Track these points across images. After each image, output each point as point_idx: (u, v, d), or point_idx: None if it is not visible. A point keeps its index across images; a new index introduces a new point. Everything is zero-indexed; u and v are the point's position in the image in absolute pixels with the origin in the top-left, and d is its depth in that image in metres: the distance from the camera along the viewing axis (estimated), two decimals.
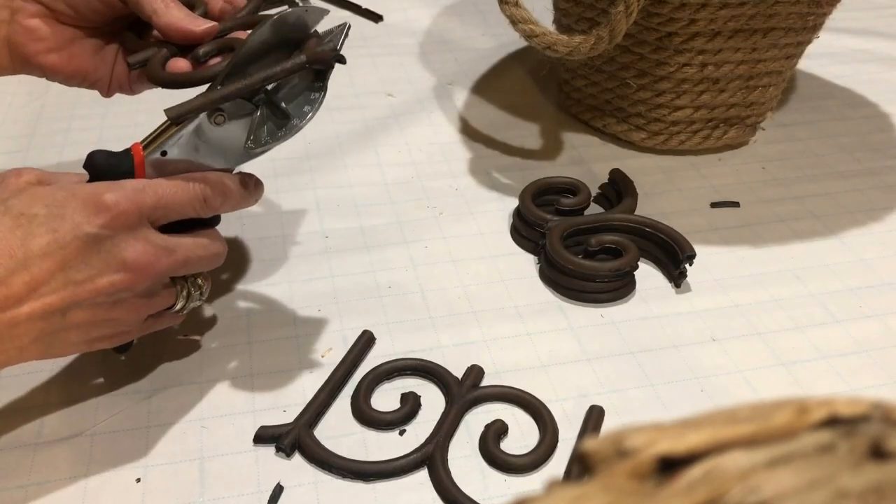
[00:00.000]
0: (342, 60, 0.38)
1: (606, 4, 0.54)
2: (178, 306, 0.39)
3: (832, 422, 0.18)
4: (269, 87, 0.38)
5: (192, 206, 0.38)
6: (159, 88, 0.42)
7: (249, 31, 0.39)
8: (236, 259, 0.52)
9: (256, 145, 0.39)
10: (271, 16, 0.38)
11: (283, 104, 0.39)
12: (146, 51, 0.42)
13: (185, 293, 0.39)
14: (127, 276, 0.35)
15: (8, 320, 0.33)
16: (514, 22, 0.52)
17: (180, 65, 0.40)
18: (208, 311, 0.48)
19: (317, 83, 0.39)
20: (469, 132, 0.66)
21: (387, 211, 0.56)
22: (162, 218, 0.37)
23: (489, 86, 0.73)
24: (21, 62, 0.43)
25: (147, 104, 0.55)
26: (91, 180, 0.37)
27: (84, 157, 0.37)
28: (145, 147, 0.38)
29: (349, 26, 0.40)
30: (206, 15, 0.43)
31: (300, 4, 0.40)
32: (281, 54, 0.39)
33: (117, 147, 0.38)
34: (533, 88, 0.73)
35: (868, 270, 0.53)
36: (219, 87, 0.37)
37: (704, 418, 0.19)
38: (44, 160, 0.60)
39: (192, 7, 0.43)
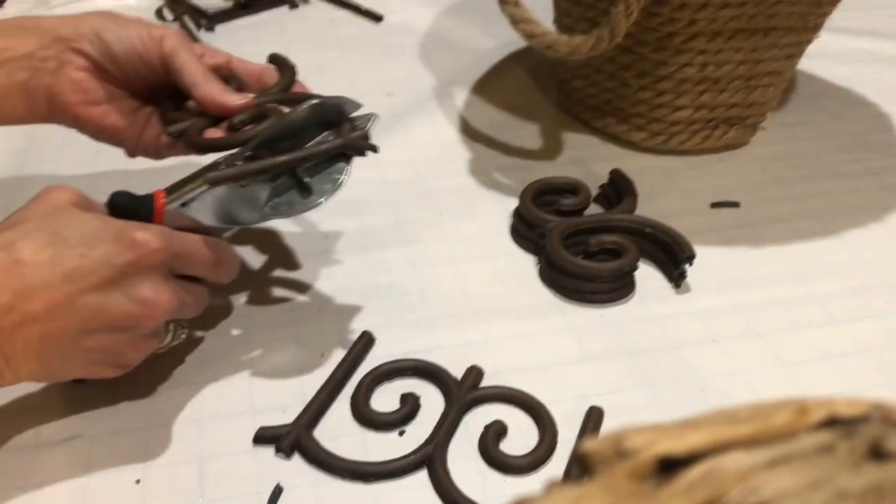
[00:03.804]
0: (376, 150, 0.41)
1: (607, 4, 0.54)
2: (165, 342, 0.41)
3: (832, 422, 0.18)
4: None
5: (207, 267, 0.40)
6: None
7: (285, 106, 0.43)
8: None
9: (274, 212, 0.41)
10: (311, 97, 0.42)
11: (306, 178, 0.41)
12: (184, 122, 0.44)
13: (171, 330, 0.41)
14: (141, 311, 0.36)
15: (22, 337, 0.33)
16: (515, 22, 0.52)
17: (216, 135, 0.43)
18: (208, 311, 0.48)
19: (340, 163, 0.41)
20: (469, 132, 0.66)
21: (387, 211, 0.56)
22: (178, 269, 0.39)
23: (489, 86, 0.73)
24: (57, 111, 0.44)
25: None
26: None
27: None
28: (168, 194, 0.39)
29: (376, 117, 0.43)
30: (240, 89, 0.45)
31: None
32: (312, 133, 0.41)
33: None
34: (533, 88, 0.73)
35: (868, 270, 0.53)
36: (249, 154, 0.39)
37: (704, 419, 0.19)
38: (44, 161, 0.60)
39: (227, 81, 0.45)
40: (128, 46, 0.42)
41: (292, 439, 0.39)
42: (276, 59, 0.49)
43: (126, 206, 0.39)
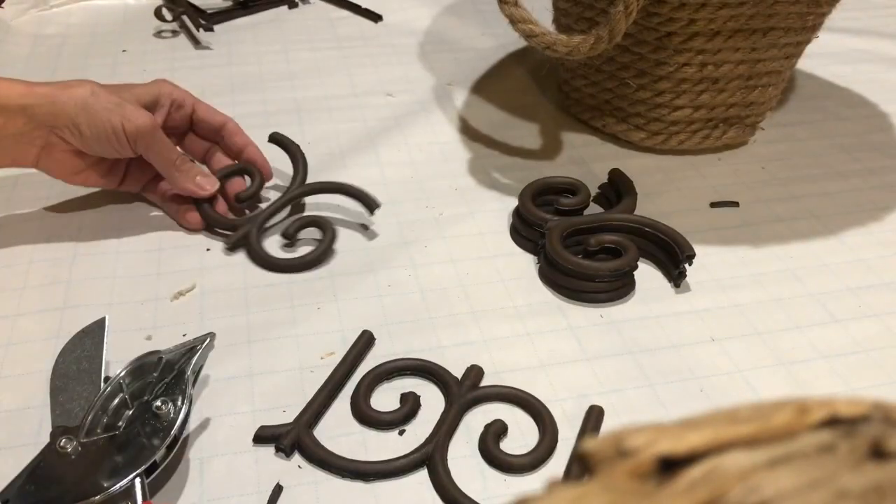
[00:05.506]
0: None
1: (606, 4, 0.54)
2: None
3: (832, 422, 0.18)
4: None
5: None
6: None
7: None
8: (236, 258, 0.52)
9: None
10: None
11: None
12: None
13: None
14: None
15: None
16: (514, 22, 0.52)
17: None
18: (208, 310, 0.48)
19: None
20: (469, 132, 0.66)
21: (386, 211, 0.56)
22: None
23: (489, 86, 0.73)
24: (45, 171, 0.51)
25: None
26: None
27: None
28: None
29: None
30: (251, 174, 0.56)
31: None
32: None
33: None
34: (533, 88, 0.73)
35: (868, 270, 0.53)
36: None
37: (704, 418, 0.19)
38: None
39: (244, 172, 0.56)
40: (102, 139, 0.48)
41: (292, 438, 0.39)
42: (280, 142, 0.58)
43: None
